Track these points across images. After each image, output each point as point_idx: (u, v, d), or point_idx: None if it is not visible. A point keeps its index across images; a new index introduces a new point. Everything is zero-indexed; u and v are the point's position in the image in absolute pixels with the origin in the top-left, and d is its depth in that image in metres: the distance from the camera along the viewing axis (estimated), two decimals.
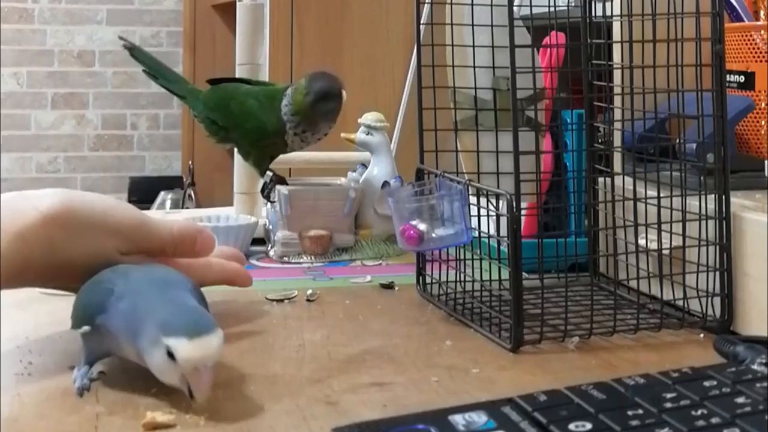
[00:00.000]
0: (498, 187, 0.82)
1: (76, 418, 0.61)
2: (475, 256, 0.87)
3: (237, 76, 1.18)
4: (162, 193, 3.25)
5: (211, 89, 1.16)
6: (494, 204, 0.81)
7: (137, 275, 0.69)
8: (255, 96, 1.10)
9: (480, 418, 0.50)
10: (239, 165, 1.21)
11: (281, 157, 1.15)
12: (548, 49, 0.98)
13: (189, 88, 1.18)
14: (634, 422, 0.48)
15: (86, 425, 0.60)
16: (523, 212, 0.79)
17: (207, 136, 1.15)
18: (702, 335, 0.80)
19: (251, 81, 1.16)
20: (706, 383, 0.52)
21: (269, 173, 1.14)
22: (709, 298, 0.81)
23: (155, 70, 1.17)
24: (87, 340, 0.67)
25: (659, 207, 0.82)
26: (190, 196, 3.13)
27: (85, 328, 0.66)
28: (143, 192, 3.34)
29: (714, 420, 0.47)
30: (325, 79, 1.09)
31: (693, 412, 0.48)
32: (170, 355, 0.60)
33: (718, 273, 0.81)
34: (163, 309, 0.63)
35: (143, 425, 0.59)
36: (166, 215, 1.40)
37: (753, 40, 0.95)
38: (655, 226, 0.83)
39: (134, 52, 1.17)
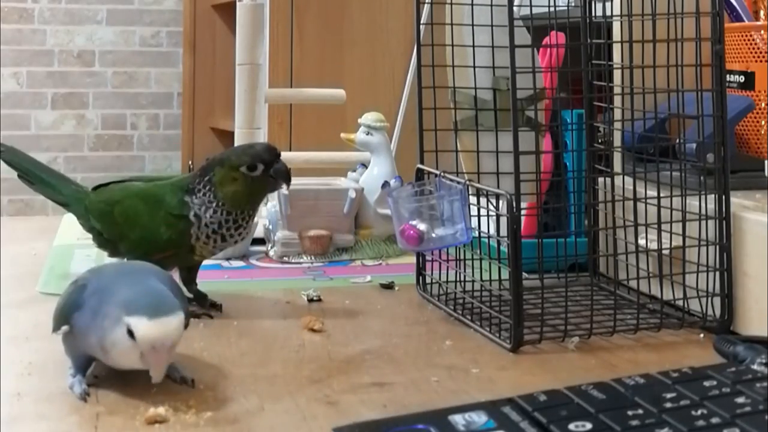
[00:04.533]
0: (498, 187, 0.82)
1: (76, 418, 0.61)
2: (475, 256, 0.87)
3: (237, 76, 1.18)
4: None
5: (96, 193, 0.92)
6: (494, 204, 0.81)
7: (108, 270, 0.70)
8: (142, 197, 0.88)
9: (480, 418, 0.50)
10: None
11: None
12: (548, 49, 0.98)
13: (73, 193, 0.94)
14: (634, 422, 0.48)
15: (86, 425, 0.60)
16: (523, 212, 0.79)
17: (97, 247, 0.94)
18: (702, 335, 0.80)
19: (145, 177, 0.93)
20: (706, 383, 0.52)
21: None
22: (709, 298, 0.81)
23: (30, 174, 0.96)
24: (67, 343, 0.68)
25: (659, 207, 0.82)
26: None
27: (65, 328, 0.66)
28: None
29: (714, 420, 0.47)
30: (250, 147, 0.86)
31: (693, 412, 0.48)
32: (130, 333, 0.61)
33: (718, 273, 0.81)
34: (126, 291, 0.63)
35: (145, 419, 0.60)
36: None
37: (753, 40, 0.95)
38: (655, 226, 0.83)
39: (3, 155, 0.97)
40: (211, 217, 0.84)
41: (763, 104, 0.95)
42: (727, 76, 0.94)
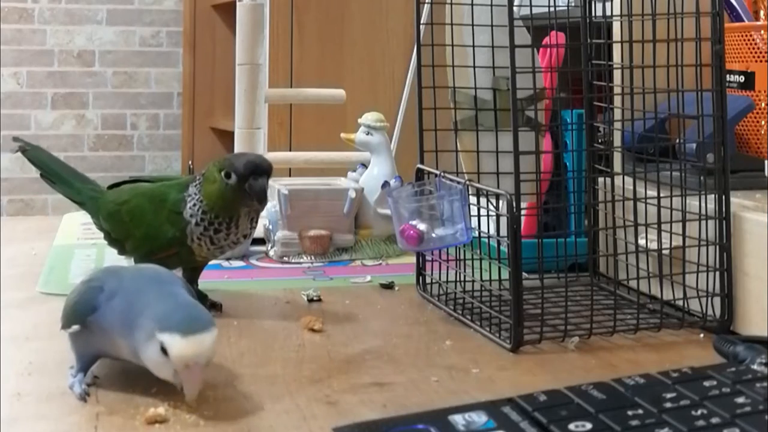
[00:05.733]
0: (498, 187, 0.82)
1: (76, 418, 0.61)
2: (475, 256, 0.87)
3: (237, 76, 1.18)
4: None
5: (109, 193, 0.93)
6: (494, 204, 0.81)
7: (129, 274, 0.69)
8: (148, 196, 0.88)
9: (480, 418, 0.50)
10: None
11: (281, 156, 1.12)
12: (548, 49, 0.98)
13: (90, 193, 0.94)
14: (634, 422, 0.48)
15: (86, 425, 0.60)
16: (523, 212, 0.79)
17: (108, 245, 0.94)
18: (702, 335, 0.80)
19: (155, 178, 0.93)
20: (706, 383, 0.52)
21: None
22: (709, 298, 0.81)
23: (52, 173, 0.97)
24: (76, 341, 0.68)
25: (659, 207, 0.82)
26: None
27: (75, 327, 0.66)
28: None
29: (714, 420, 0.47)
30: (245, 155, 0.85)
31: (693, 412, 0.48)
32: (164, 350, 0.60)
33: (718, 273, 0.81)
34: (160, 303, 0.63)
35: (145, 419, 0.60)
36: None
37: (753, 40, 0.95)
38: (655, 226, 0.83)
39: (29, 153, 0.98)
40: (190, 209, 0.84)
41: (763, 104, 0.95)
42: (727, 76, 0.94)
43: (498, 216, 0.80)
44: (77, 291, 0.69)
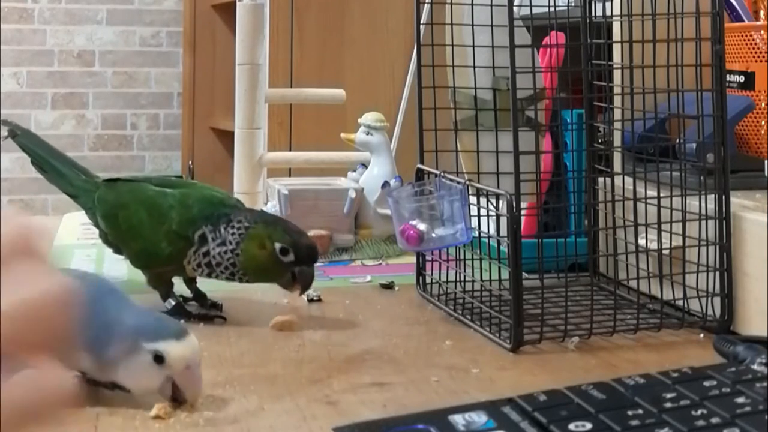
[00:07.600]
0: (498, 187, 0.82)
1: (75, 419, 0.61)
2: (475, 256, 0.87)
3: (237, 76, 1.18)
4: None
5: (107, 189, 0.88)
6: (494, 204, 0.81)
7: (83, 280, 0.66)
8: (147, 206, 0.84)
9: (480, 418, 0.50)
10: (239, 165, 1.21)
11: (281, 156, 1.11)
12: (548, 49, 0.98)
13: (85, 185, 0.90)
14: (634, 422, 0.48)
15: (86, 425, 0.60)
16: (523, 212, 0.79)
17: (103, 242, 0.91)
18: (702, 335, 0.80)
19: (155, 179, 0.89)
20: (706, 383, 0.52)
21: (171, 301, 0.85)
22: (709, 298, 0.81)
23: (43, 161, 0.92)
24: None
25: (659, 207, 0.82)
26: None
27: None
28: None
29: (714, 420, 0.47)
30: (305, 236, 0.83)
31: (693, 412, 0.48)
32: (157, 359, 0.60)
33: (718, 273, 0.81)
34: (131, 316, 0.62)
35: (153, 417, 0.60)
36: None
37: (753, 40, 0.95)
38: (655, 226, 0.83)
39: (19, 139, 0.94)
40: (218, 255, 0.81)
41: (763, 104, 0.95)
42: (727, 76, 0.94)
43: (498, 216, 0.80)
44: None
